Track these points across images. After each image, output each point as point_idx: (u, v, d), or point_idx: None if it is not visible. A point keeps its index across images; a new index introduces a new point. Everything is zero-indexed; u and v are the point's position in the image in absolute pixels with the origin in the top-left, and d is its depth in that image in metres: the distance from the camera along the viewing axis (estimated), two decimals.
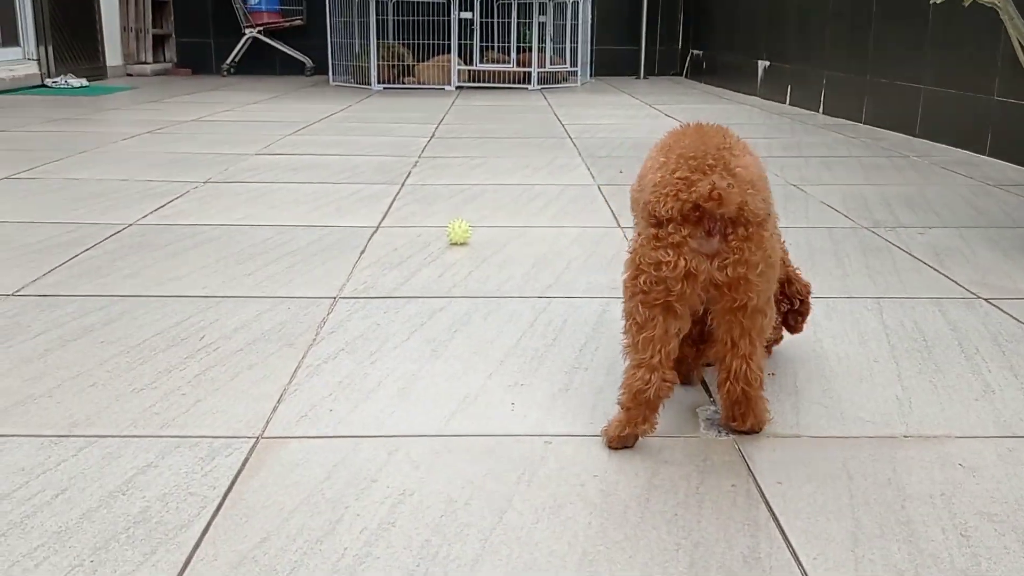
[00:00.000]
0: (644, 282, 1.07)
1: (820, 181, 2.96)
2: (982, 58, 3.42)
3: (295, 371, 1.35)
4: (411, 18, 6.96)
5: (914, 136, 3.93)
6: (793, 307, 1.38)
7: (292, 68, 8.10)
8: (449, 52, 6.81)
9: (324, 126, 4.35)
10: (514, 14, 6.78)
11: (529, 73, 6.94)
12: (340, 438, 1.14)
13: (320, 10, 7.49)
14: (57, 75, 6.34)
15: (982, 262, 1.98)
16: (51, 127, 4.14)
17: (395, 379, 1.33)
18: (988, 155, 3.37)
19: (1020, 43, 1.94)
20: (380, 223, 2.32)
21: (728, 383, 1.11)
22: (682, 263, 1.04)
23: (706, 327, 1.19)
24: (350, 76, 7.09)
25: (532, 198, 2.68)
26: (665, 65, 8.49)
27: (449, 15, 6.73)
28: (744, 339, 1.10)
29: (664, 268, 1.05)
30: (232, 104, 5.36)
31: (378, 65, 6.75)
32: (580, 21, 7.17)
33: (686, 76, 8.24)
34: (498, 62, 7.03)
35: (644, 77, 8.19)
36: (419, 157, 3.42)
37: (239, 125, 4.33)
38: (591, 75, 7.99)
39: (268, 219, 2.33)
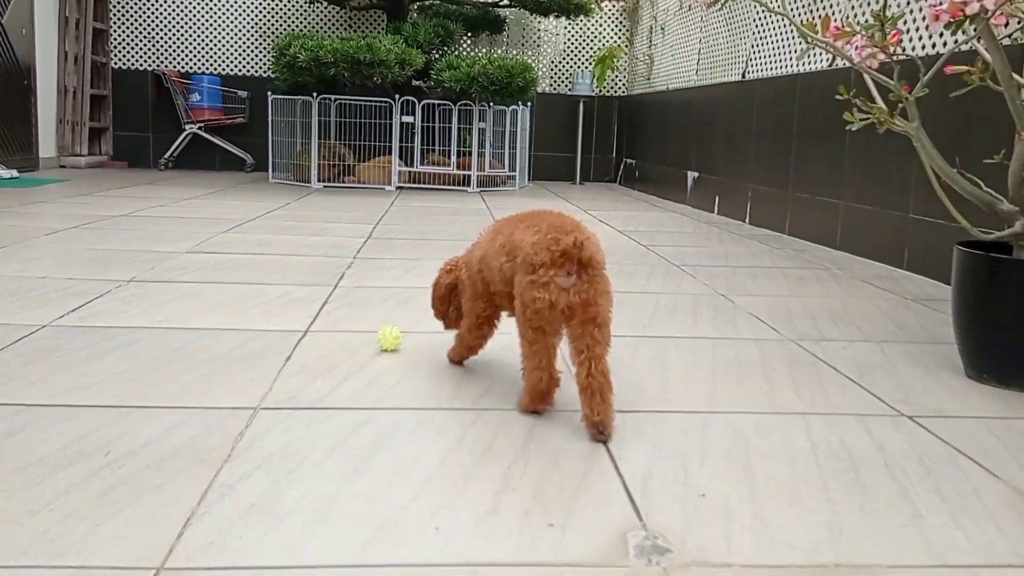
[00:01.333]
0: (529, 314, 1.57)
1: (747, 291, 3.01)
2: (898, 177, 3.59)
3: (205, 491, 1.26)
4: (353, 120, 7.05)
5: (835, 248, 4.07)
6: None
7: (232, 164, 8.08)
8: (390, 154, 6.89)
9: (260, 224, 4.30)
10: (455, 119, 6.92)
11: (469, 176, 7.04)
12: (247, 570, 1.05)
13: (262, 108, 7.54)
14: None
15: (904, 378, 2.00)
16: None
17: (312, 501, 1.25)
18: (906, 269, 3.49)
19: (932, 169, 2.03)
20: (309, 327, 2.26)
21: (589, 378, 1.53)
22: (547, 296, 1.54)
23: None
24: (290, 174, 7.09)
25: None
26: (600, 172, 8.73)
27: (391, 119, 6.84)
28: (597, 345, 1.55)
29: (538, 302, 1.55)
30: (167, 199, 5.28)
31: (318, 164, 6.77)
32: (519, 128, 7.36)
33: (619, 183, 8.47)
34: (439, 164, 7.13)
35: (580, 183, 8.40)
36: (354, 258, 3.38)
37: (171, 221, 4.25)
38: (529, 179, 8.16)
39: (191, 322, 2.25)
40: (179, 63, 8.06)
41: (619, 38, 8.58)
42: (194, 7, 8.01)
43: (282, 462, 1.38)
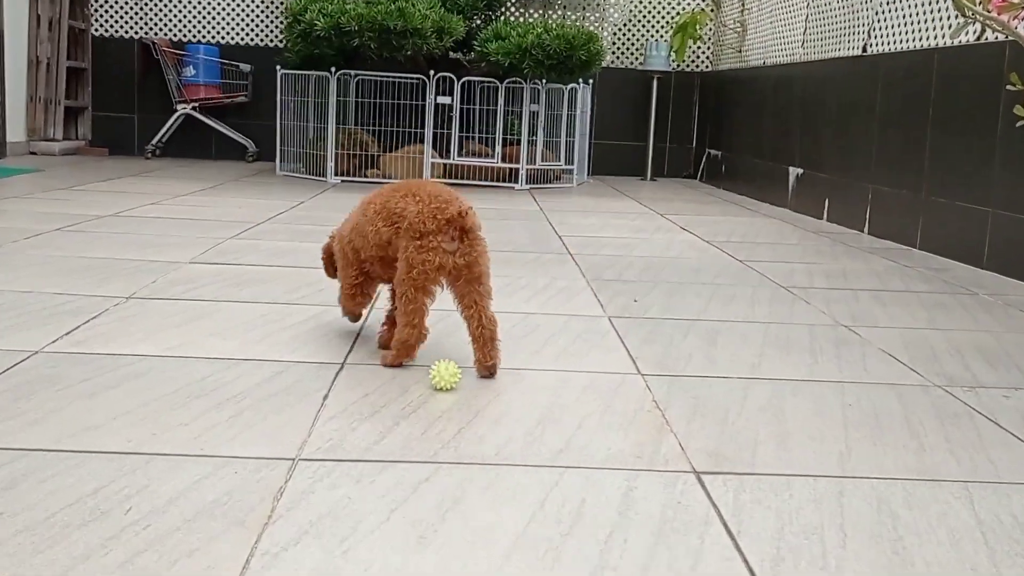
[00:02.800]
0: (415, 275, 2.12)
1: (875, 322, 2.99)
2: None
3: (247, 561, 1.30)
4: (379, 101, 7.14)
5: (982, 268, 4.02)
6: None
7: (231, 152, 8.23)
8: (421, 142, 6.97)
9: (273, 227, 4.38)
10: (501, 100, 6.97)
11: (516, 170, 7.09)
12: None
13: (269, 87, 7.68)
14: None
15: None
16: None
17: None
18: None
19: None
20: (346, 358, 2.30)
21: (480, 328, 2.18)
22: (436, 260, 2.11)
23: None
24: (301, 165, 7.20)
25: (530, 331, 2.68)
26: (676, 166, 8.72)
27: (424, 99, 6.91)
28: (483, 299, 2.19)
29: (426, 264, 2.11)
30: (159, 195, 5.40)
31: (336, 154, 6.87)
32: (577, 111, 7.40)
33: (701, 179, 8.46)
34: (480, 155, 7.19)
35: (651, 179, 8.41)
36: None
37: (168, 223, 4.35)
38: (589, 174, 8.19)
39: (208, 349, 2.30)
40: (171, 30, 8.24)
41: (704, 1, 8.58)
42: None
43: (333, 526, 1.41)
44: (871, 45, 5.22)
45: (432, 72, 6.87)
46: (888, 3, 5.01)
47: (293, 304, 2.84)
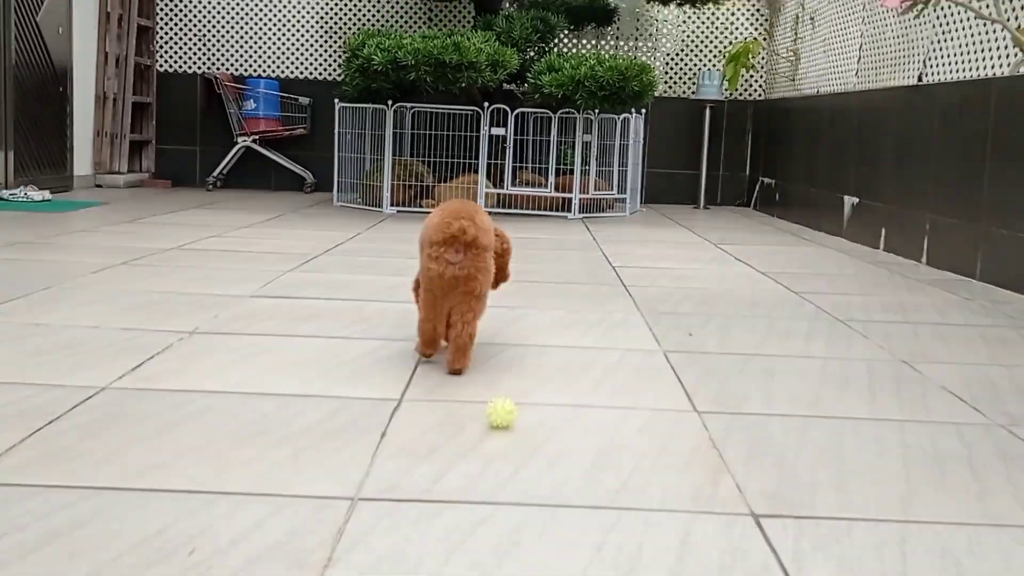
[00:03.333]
0: (424, 279, 2.46)
1: (936, 358, 2.94)
2: None
3: None
4: (434, 132, 7.20)
5: None
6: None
7: (289, 183, 8.36)
8: (476, 172, 7.01)
9: (330, 260, 4.43)
10: (554, 131, 7.00)
11: (569, 199, 7.10)
12: None
13: (327, 119, 7.79)
14: (16, 186, 6.55)
15: None
16: (7, 254, 4.24)
17: None
18: None
19: None
20: (403, 394, 2.32)
21: (458, 337, 2.47)
22: (433, 268, 2.40)
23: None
24: (358, 196, 7.29)
25: (585, 366, 2.67)
26: (729, 194, 8.68)
27: (478, 130, 6.96)
28: (469, 313, 2.47)
29: (431, 271, 2.42)
30: (220, 227, 5.50)
31: (392, 185, 6.94)
32: (630, 141, 7.39)
33: (754, 208, 8.40)
34: (533, 185, 7.22)
35: (704, 207, 8.37)
36: None
37: (230, 256, 4.42)
38: (641, 203, 8.17)
39: (269, 385, 2.33)
40: (233, 65, 8.41)
41: (756, 30, 8.56)
42: (251, 1, 8.37)
43: (393, 569, 1.42)
44: (927, 75, 5.15)
45: (486, 104, 6.92)
46: (944, 33, 4.95)
47: (351, 339, 2.87)
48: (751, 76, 8.56)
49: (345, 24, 8.39)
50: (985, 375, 2.73)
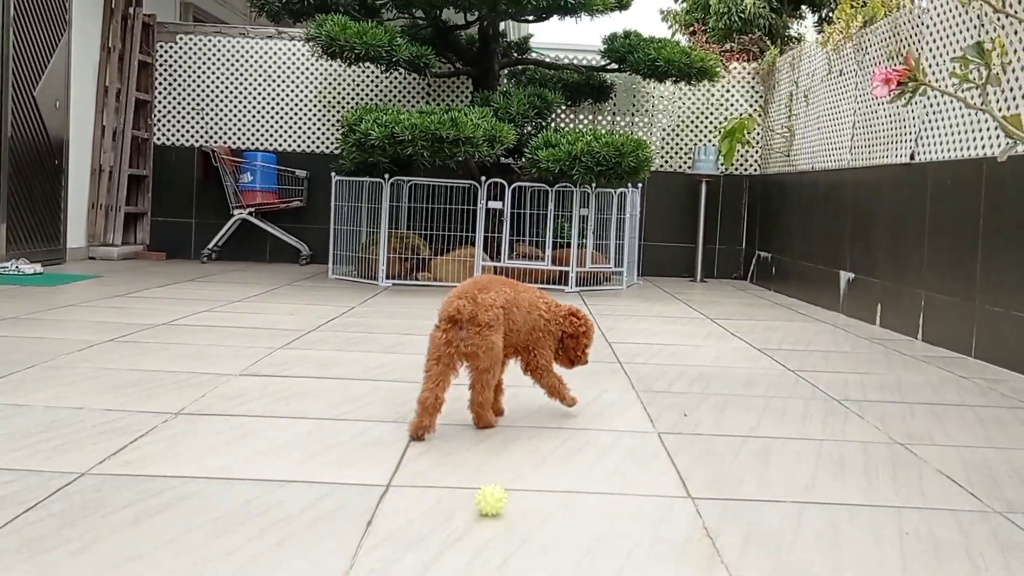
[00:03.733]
0: (430, 348, 2.66)
1: (932, 440, 2.91)
2: None
3: None
4: (431, 205, 7.24)
5: None
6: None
7: (285, 255, 8.37)
8: (472, 245, 7.03)
9: (322, 336, 4.41)
10: (551, 205, 7.04)
11: (566, 273, 7.11)
12: None
13: (323, 191, 7.84)
14: (8, 259, 6.56)
15: None
16: None
17: None
18: None
19: None
20: (391, 480, 2.28)
21: (470, 405, 2.78)
22: (442, 339, 2.64)
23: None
24: (353, 268, 7.30)
25: (578, 449, 2.64)
26: (726, 268, 8.70)
27: (476, 204, 7.00)
28: (476, 384, 2.73)
29: (435, 343, 2.65)
30: (213, 302, 5.49)
31: (388, 257, 6.95)
32: (627, 214, 7.43)
33: (751, 281, 8.42)
34: (530, 258, 7.23)
35: (701, 280, 8.38)
36: None
37: (220, 332, 4.40)
38: (638, 276, 8.18)
39: (253, 470, 2.30)
40: (230, 138, 8.49)
41: (751, 106, 8.66)
42: (249, 75, 8.48)
43: None
44: (919, 153, 5.20)
45: (484, 178, 6.97)
46: (934, 113, 5.01)
47: (339, 420, 2.84)
48: (747, 151, 8.64)
49: (343, 99, 8.49)
50: (982, 458, 2.70)
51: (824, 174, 6.75)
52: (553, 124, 8.34)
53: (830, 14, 6.76)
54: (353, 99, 8.49)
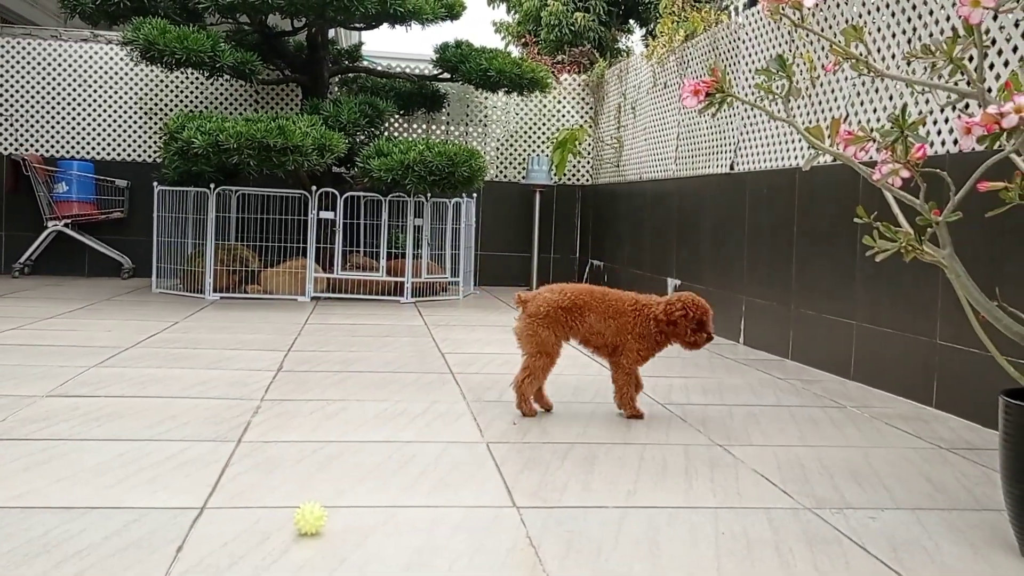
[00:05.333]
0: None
1: (749, 440, 3.02)
2: (921, 294, 3.69)
3: None
4: (259, 216, 7.06)
5: (849, 379, 4.13)
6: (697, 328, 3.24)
7: (105, 269, 7.99)
8: (304, 256, 6.90)
9: (142, 353, 4.22)
10: (384, 215, 6.98)
11: (401, 283, 7.06)
12: None
13: (146, 202, 7.53)
14: None
15: (948, 559, 2.01)
16: None
17: None
18: (936, 407, 3.55)
19: (968, 301, 2.09)
20: (206, 502, 2.19)
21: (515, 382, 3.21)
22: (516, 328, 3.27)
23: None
24: (179, 282, 7.03)
25: (404, 462, 2.61)
26: (560, 276, 8.83)
27: (306, 214, 6.87)
28: (523, 366, 3.19)
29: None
30: (23, 319, 5.17)
31: (215, 270, 6.74)
32: (462, 224, 7.45)
33: None
34: (365, 269, 7.15)
35: (536, 289, 8.47)
36: (261, 400, 3.32)
37: (29, 351, 4.15)
38: (475, 285, 8.21)
39: (55, 497, 2.16)
40: (43, 146, 8.05)
41: (582, 117, 8.84)
42: (63, 79, 8.06)
43: None
44: (738, 163, 5.42)
45: (315, 187, 6.85)
46: (751, 125, 5.24)
47: (154, 440, 2.71)
48: (579, 162, 8.81)
49: (166, 106, 8.18)
50: (795, 457, 2.82)
51: (651, 184, 6.95)
52: (386, 133, 8.28)
53: (656, 28, 6.99)
54: (177, 106, 8.20)
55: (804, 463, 2.75)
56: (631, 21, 11.52)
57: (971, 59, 2.10)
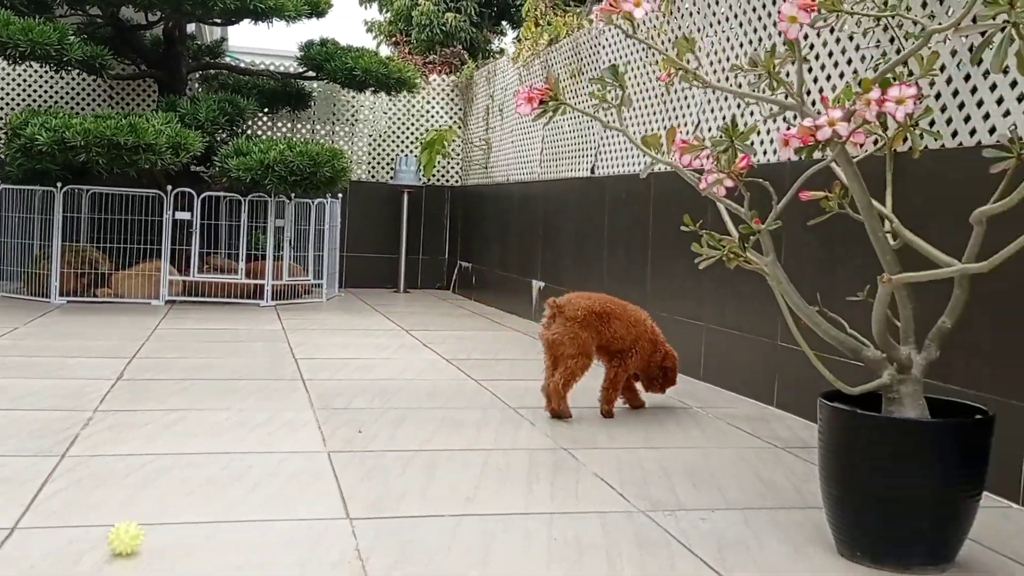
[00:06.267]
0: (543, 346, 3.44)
1: (595, 443, 3.05)
2: (761, 297, 3.80)
3: None
4: (111, 217, 6.80)
5: (699, 379, 4.22)
6: (664, 376, 3.61)
7: None
8: (159, 258, 6.68)
9: None
10: (244, 216, 6.82)
11: (262, 286, 6.91)
12: None
13: None
14: None
15: (771, 558, 2.06)
16: None
17: None
18: (776, 407, 3.66)
19: (789, 307, 2.15)
20: (18, 522, 2.08)
21: (549, 383, 3.35)
22: (543, 334, 3.38)
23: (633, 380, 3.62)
24: (22, 285, 6.71)
25: (239, 475, 2.54)
26: (430, 277, 8.80)
27: (161, 215, 6.66)
28: (560, 368, 3.33)
29: (541, 339, 3.41)
30: None
31: (62, 272, 6.46)
32: (326, 225, 7.34)
33: (453, 291, 8.57)
34: (225, 271, 6.96)
35: (405, 291, 8.42)
36: (95, 411, 3.19)
37: None
38: (341, 288, 8.11)
39: None
40: None
41: (451, 118, 8.83)
42: None
43: None
44: (599, 167, 5.49)
45: (170, 187, 6.64)
46: (610, 129, 5.31)
47: None
48: (448, 163, 8.79)
49: (10, 101, 7.79)
50: (637, 459, 2.86)
51: (518, 186, 6.98)
52: (249, 131, 8.09)
53: (521, 32, 7.04)
54: (23, 101, 7.82)
55: (645, 465, 2.79)
56: (504, 22, 11.56)
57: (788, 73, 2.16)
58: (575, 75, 5.91)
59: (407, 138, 8.78)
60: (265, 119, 8.33)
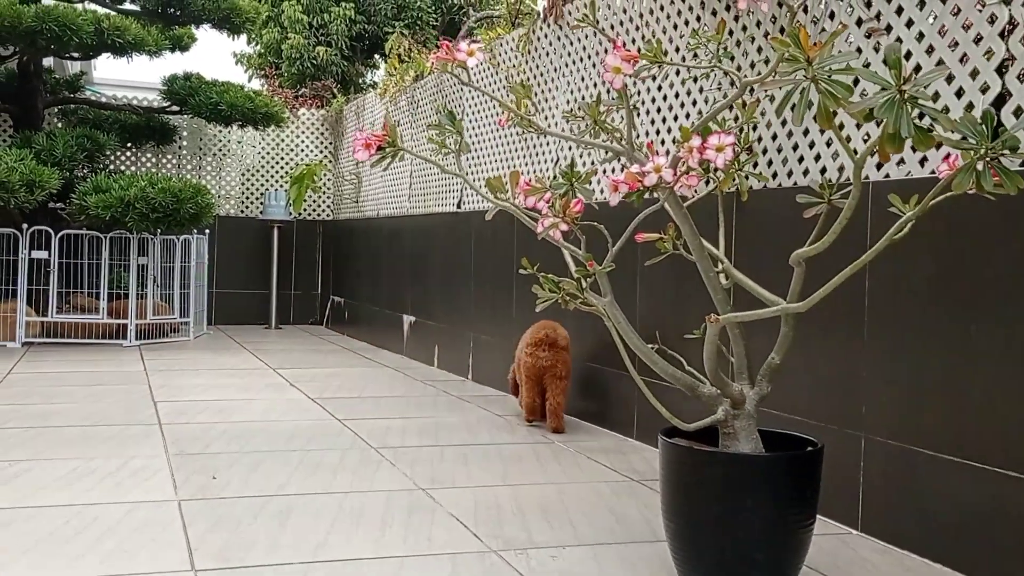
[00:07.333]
0: (524, 369, 3.90)
1: (453, 482, 3.05)
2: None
3: None
4: None
5: (568, 414, 4.27)
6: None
7: None
8: (15, 299, 6.41)
9: None
10: (105, 253, 6.61)
11: (125, 326, 6.70)
12: None
13: None
14: None
15: None
16: None
17: None
18: (636, 439, 3.73)
19: (627, 349, 2.20)
20: None
21: (550, 404, 3.87)
22: (530, 361, 3.85)
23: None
24: None
25: (81, 528, 2.45)
26: (303, 312, 8.69)
27: (17, 254, 6.40)
28: (557, 389, 3.86)
29: (526, 363, 3.88)
30: None
31: None
32: (192, 262, 7.18)
33: (326, 326, 8.47)
34: (87, 310, 6.73)
35: (276, 327, 8.29)
36: None
37: None
38: (210, 325, 7.92)
39: None
40: None
41: (321, 152, 8.76)
42: None
43: None
44: (464, 202, 5.53)
45: (26, 225, 6.40)
46: (477, 163, 5.36)
47: None
48: (319, 197, 8.71)
49: None
50: (494, 497, 2.87)
51: (388, 220, 6.96)
52: (112, 167, 7.86)
53: (386, 67, 7.06)
54: None
55: (501, 503, 2.81)
56: (376, 55, 11.55)
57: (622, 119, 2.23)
58: (440, 110, 5.94)
59: (277, 172, 8.67)
60: (129, 154, 8.10)
